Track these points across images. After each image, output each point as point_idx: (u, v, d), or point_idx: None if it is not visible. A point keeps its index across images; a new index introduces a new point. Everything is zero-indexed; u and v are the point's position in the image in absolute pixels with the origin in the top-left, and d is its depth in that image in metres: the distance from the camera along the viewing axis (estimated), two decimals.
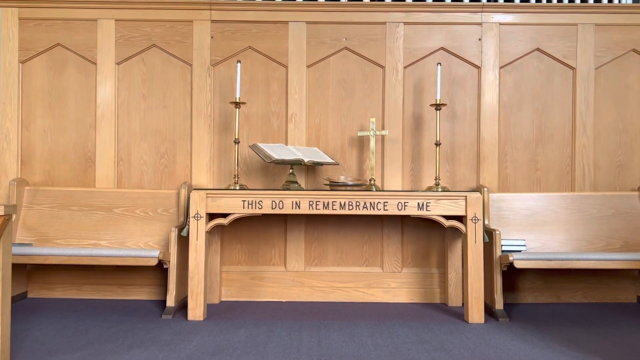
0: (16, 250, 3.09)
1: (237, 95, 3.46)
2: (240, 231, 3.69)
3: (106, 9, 3.69)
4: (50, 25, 3.70)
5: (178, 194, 3.57)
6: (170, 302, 3.20)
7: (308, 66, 3.74)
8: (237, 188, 3.33)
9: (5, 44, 3.68)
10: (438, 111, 3.48)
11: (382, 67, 3.74)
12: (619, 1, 3.82)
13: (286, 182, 3.49)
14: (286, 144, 3.69)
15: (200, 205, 3.10)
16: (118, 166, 3.71)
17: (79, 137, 3.72)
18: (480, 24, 3.71)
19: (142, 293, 3.63)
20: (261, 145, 3.42)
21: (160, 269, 3.52)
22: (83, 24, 3.70)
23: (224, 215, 3.17)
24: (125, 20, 3.71)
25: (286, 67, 3.74)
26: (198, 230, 3.10)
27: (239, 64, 3.49)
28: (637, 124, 3.71)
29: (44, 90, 3.72)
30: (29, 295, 3.64)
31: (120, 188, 3.68)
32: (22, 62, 3.71)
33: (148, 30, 3.71)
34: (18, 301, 3.50)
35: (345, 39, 3.74)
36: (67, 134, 3.72)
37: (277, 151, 3.41)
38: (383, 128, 3.70)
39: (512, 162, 3.72)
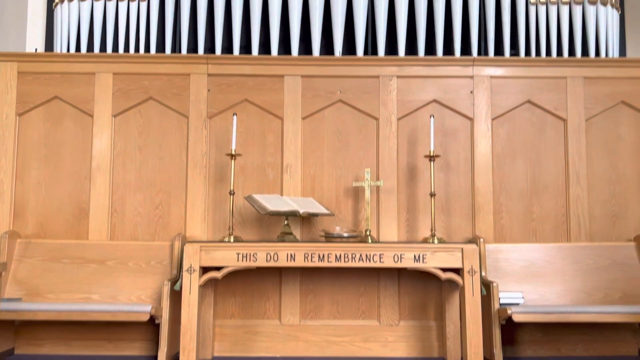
0: (4, 305, 3.02)
1: (233, 147, 3.48)
2: (234, 283, 3.63)
3: (104, 63, 3.75)
4: (48, 78, 3.75)
5: (172, 246, 3.53)
6: (162, 358, 3.11)
7: (303, 118, 3.78)
8: (232, 240, 3.30)
9: (3, 97, 3.72)
10: (432, 162, 3.50)
11: (376, 119, 3.78)
12: (606, 55, 3.93)
13: (281, 233, 3.47)
14: (281, 195, 3.69)
15: (193, 258, 3.06)
16: (112, 217, 3.68)
17: (73, 189, 3.70)
18: (471, 77, 3.79)
19: (133, 348, 3.53)
20: (256, 196, 3.42)
21: (152, 323, 3.43)
22: (81, 78, 3.75)
23: (218, 268, 3.12)
24: (123, 74, 3.76)
25: (282, 119, 3.78)
26: (191, 285, 3.05)
27: (234, 117, 3.52)
28: (629, 174, 3.74)
29: (40, 142, 3.73)
30: (16, 352, 3.53)
31: (114, 240, 3.64)
32: (20, 114, 3.73)
33: (145, 84, 3.77)
34: (4, 358, 3.39)
35: (340, 91, 3.80)
36: (62, 185, 3.70)
37: (273, 202, 3.40)
38: (378, 178, 3.71)
39: (508, 213, 3.72)
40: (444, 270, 3.11)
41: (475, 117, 3.77)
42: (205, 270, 3.14)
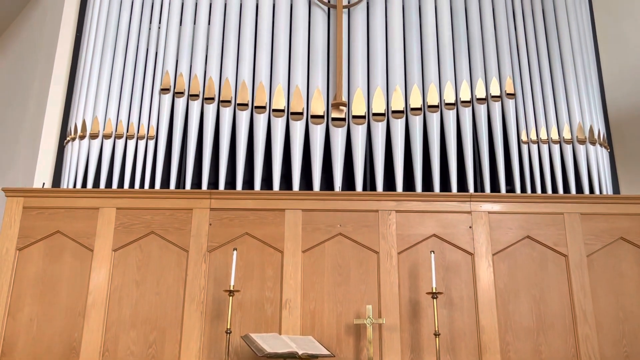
0: None
1: (232, 284, 3.44)
2: None
3: (109, 198, 3.83)
4: (53, 213, 3.80)
5: None
6: None
7: (303, 251, 3.78)
8: None
9: (5, 232, 3.74)
10: (435, 300, 3.43)
11: (377, 252, 3.77)
12: (600, 191, 4.02)
13: None
14: (280, 333, 3.57)
15: None
16: (103, 357, 3.53)
17: (65, 326, 3.59)
18: (469, 212, 3.85)
19: None
20: (253, 336, 3.30)
21: None
22: (85, 212, 3.81)
23: None
24: (127, 209, 3.82)
25: (282, 252, 3.77)
26: None
27: (235, 252, 3.52)
28: (637, 312, 3.64)
29: (37, 277, 3.69)
30: None
31: None
32: (20, 249, 3.73)
33: (148, 218, 3.81)
34: None
35: (340, 225, 3.84)
36: (54, 322, 3.59)
37: (270, 343, 3.28)
38: (380, 314, 3.62)
39: (515, 353, 3.57)
40: None
41: (476, 252, 3.76)
42: None
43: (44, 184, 4.10)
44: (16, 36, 5.54)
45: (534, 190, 4.09)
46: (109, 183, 4.08)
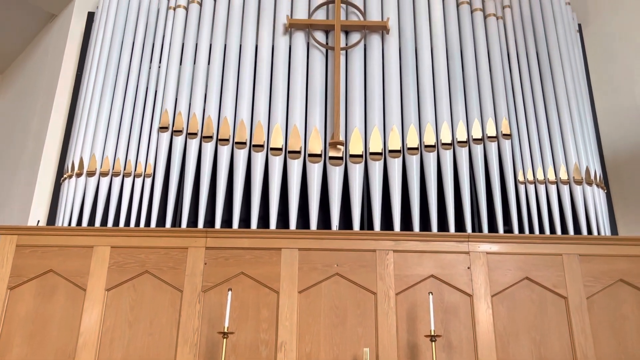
0: None
1: (226, 325, 3.37)
2: None
3: (103, 237, 3.79)
4: (46, 251, 3.75)
5: None
6: None
7: (300, 292, 3.72)
8: None
9: None
10: (433, 343, 3.37)
11: (374, 293, 3.72)
12: (598, 232, 4.00)
13: None
14: None
15: None
16: None
17: None
18: (467, 252, 3.81)
19: None
20: None
21: None
22: (79, 251, 3.76)
23: None
24: (121, 247, 3.77)
25: (277, 292, 3.71)
26: None
27: (229, 293, 3.46)
28: (639, 356, 3.58)
29: (28, 318, 3.61)
30: None
31: None
32: (11, 288, 3.67)
33: (142, 257, 3.76)
34: None
35: (337, 265, 3.79)
36: None
37: None
38: (377, 357, 3.53)
39: None
40: None
41: (474, 293, 3.71)
42: None
43: (38, 221, 4.07)
44: (18, 74, 5.61)
45: (531, 230, 4.07)
46: (104, 221, 4.05)
